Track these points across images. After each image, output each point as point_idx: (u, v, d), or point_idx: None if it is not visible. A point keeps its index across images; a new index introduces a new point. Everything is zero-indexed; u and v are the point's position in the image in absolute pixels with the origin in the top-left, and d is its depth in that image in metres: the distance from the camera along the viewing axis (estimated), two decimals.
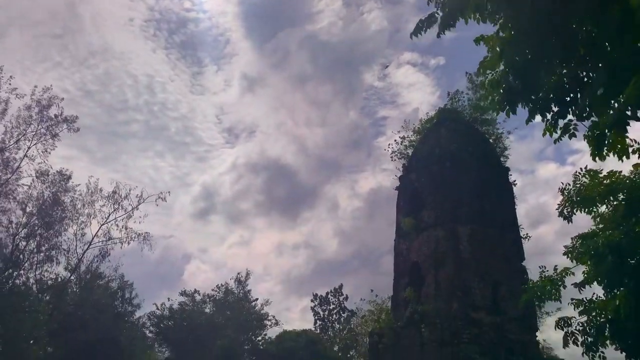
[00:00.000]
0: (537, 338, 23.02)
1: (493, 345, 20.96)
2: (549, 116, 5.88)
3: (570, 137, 5.96)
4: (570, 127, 5.89)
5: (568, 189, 8.78)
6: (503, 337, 21.44)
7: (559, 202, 8.74)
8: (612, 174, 8.53)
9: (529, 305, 22.27)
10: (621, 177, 8.36)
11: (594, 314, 7.81)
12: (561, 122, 5.87)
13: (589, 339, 7.78)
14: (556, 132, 5.87)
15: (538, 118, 6.13)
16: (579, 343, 7.83)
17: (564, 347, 8.03)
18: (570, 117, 5.80)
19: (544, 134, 6.06)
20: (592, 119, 5.75)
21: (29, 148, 35.67)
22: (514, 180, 25.84)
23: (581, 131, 5.93)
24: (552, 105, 5.83)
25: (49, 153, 36.49)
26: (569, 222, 8.62)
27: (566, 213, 8.61)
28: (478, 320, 21.26)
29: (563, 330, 8.04)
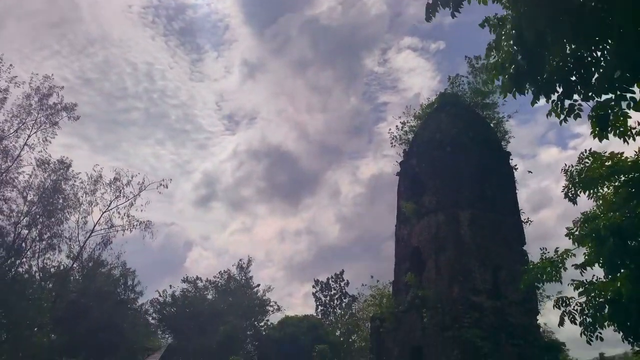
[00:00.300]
0: (537, 322, 23.14)
1: (494, 329, 21.08)
2: (554, 97, 5.84)
3: (575, 118, 5.93)
4: (575, 108, 5.85)
5: (571, 170, 8.75)
6: (504, 320, 21.56)
7: (564, 185, 8.72)
8: (613, 155, 8.50)
9: (530, 289, 22.36)
10: (623, 159, 8.33)
11: (593, 294, 7.83)
12: (567, 103, 5.82)
13: (588, 319, 7.82)
14: (562, 114, 5.82)
15: (542, 102, 6.09)
16: (577, 323, 7.86)
17: (559, 326, 8.08)
18: (575, 97, 5.76)
19: (548, 115, 6.02)
20: (597, 99, 5.73)
21: (29, 136, 35.68)
22: (515, 165, 25.82)
23: (585, 112, 5.91)
24: (557, 87, 5.79)
25: (49, 142, 36.49)
26: (574, 204, 8.62)
27: (570, 195, 8.59)
28: (479, 304, 21.36)
29: (561, 309, 8.08)
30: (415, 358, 22.30)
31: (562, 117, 5.90)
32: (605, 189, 8.44)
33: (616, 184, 8.28)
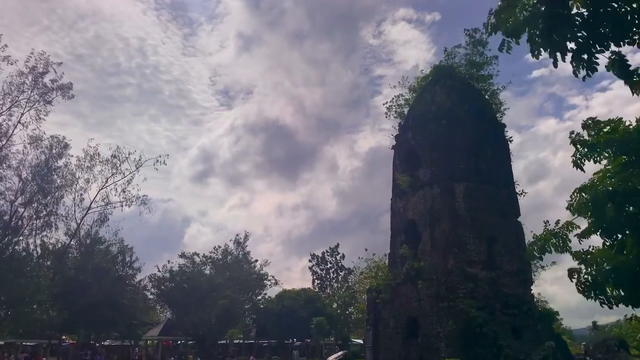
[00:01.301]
0: (531, 292, 23.47)
1: (488, 300, 21.39)
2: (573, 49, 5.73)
3: (592, 72, 5.85)
4: (592, 61, 5.76)
5: (577, 139, 8.72)
6: (498, 291, 21.86)
7: (573, 154, 8.71)
8: (611, 121, 8.46)
9: (524, 260, 22.66)
10: (622, 127, 8.29)
11: (594, 263, 7.91)
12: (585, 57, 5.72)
13: (591, 284, 7.88)
14: (583, 69, 5.74)
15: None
16: (591, 293, 7.91)
17: (583, 295, 8.05)
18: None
19: (576, 74, 5.90)
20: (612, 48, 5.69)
21: (22, 114, 35.29)
22: (510, 137, 25.85)
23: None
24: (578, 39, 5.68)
25: (43, 119, 36.14)
26: (583, 172, 8.61)
27: (579, 163, 8.57)
28: (473, 275, 21.62)
29: (573, 280, 8.13)
30: (411, 328, 22.66)
31: (583, 73, 5.82)
32: (605, 155, 8.41)
33: (613, 149, 8.24)
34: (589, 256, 8.06)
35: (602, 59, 5.92)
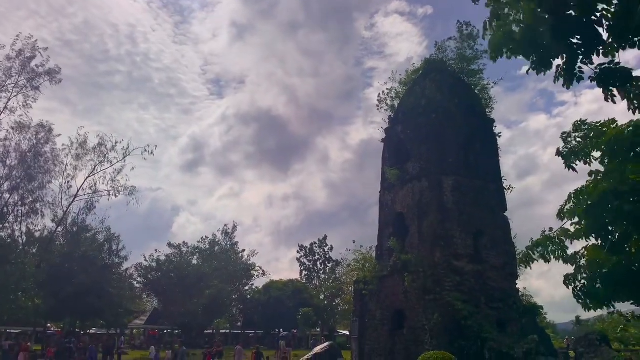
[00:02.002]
0: (517, 286, 23.69)
1: (474, 293, 21.58)
2: (559, 62, 5.85)
3: (578, 81, 5.97)
4: (577, 71, 5.88)
5: (568, 139, 8.80)
6: (484, 284, 22.05)
7: (563, 155, 8.76)
8: (600, 123, 8.53)
9: (510, 254, 22.87)
10: (611, 127, 8.35)
11: (584, 264, 7.96)
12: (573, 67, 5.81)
13: (584, 285, 7.93)
14: (567, 78, 5.85)
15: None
16: (585, 297, 7.95)
17: (577, 301, 8.09)
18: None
19: (555, 80, 6.02)
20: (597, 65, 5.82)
21: (9, 100, 34.85)
22: (499, 132, 25.99)
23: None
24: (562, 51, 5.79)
25: (30, 105, 35.73)
26: (576, 172, 8.68)
27: (570, 164, 8.65)
28: (460, 269, 21.78)
29: (569, 287, 8.16)
30: (397, 320, 22.81)
31: (567, 82, 5.93)
32: (595, 156, 8.47)
33: (600, 154, 8.31)
34: (582, 260, 8.08)
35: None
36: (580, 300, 7.95)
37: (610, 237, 7.66)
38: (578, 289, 7.99)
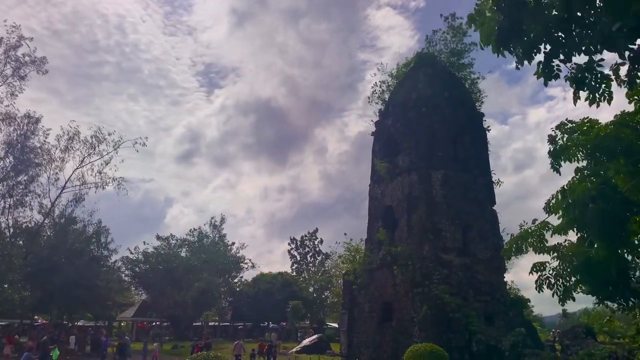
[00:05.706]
0: (504, 279, 23.89)
1: (462, 286, 21.74)
2: (540, 57, 5.88)
3: (555, 79, 5.99)
4: (554, 69, 5.91)
5: (555, 138, 8.88)
6: (472, 277, 22.21)
7: (550, 156, 8.84)
8: (584, 124, 8.61)
9: (497, 248, 23.02)
10: (596, 127, 8.43)
11: (563, 258, 8.05)
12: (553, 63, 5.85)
13: (561, 282, 8.03)
14: (547, 75, 5.87)
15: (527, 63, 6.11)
16: (552, 287, 8.07)
17: (538, 291, 8.23)
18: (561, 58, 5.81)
19: (538, 77, 6.05)
20: (575, 63, 5.83)
21: None
22: (488, 126, 26.08)
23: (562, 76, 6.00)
24: (544, 46, 5.81)
25: (17, 96, 35.26)
26: (559, 174, 8.76)
27: (556, 165, 8.74)
28: (448, 262, 21.92)
29: (537, 274, 8.26)
30: (386, 313, 22.92)
31: (547, 79, 5.97)
32: (580, 156, 8.56)
33: (587, 150, 8.39)
34: (562, 250, 8.19)
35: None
36: (542, 291, 8.11)
37: (584, 234, 7.78)
38: (543, 277, 8.13)
